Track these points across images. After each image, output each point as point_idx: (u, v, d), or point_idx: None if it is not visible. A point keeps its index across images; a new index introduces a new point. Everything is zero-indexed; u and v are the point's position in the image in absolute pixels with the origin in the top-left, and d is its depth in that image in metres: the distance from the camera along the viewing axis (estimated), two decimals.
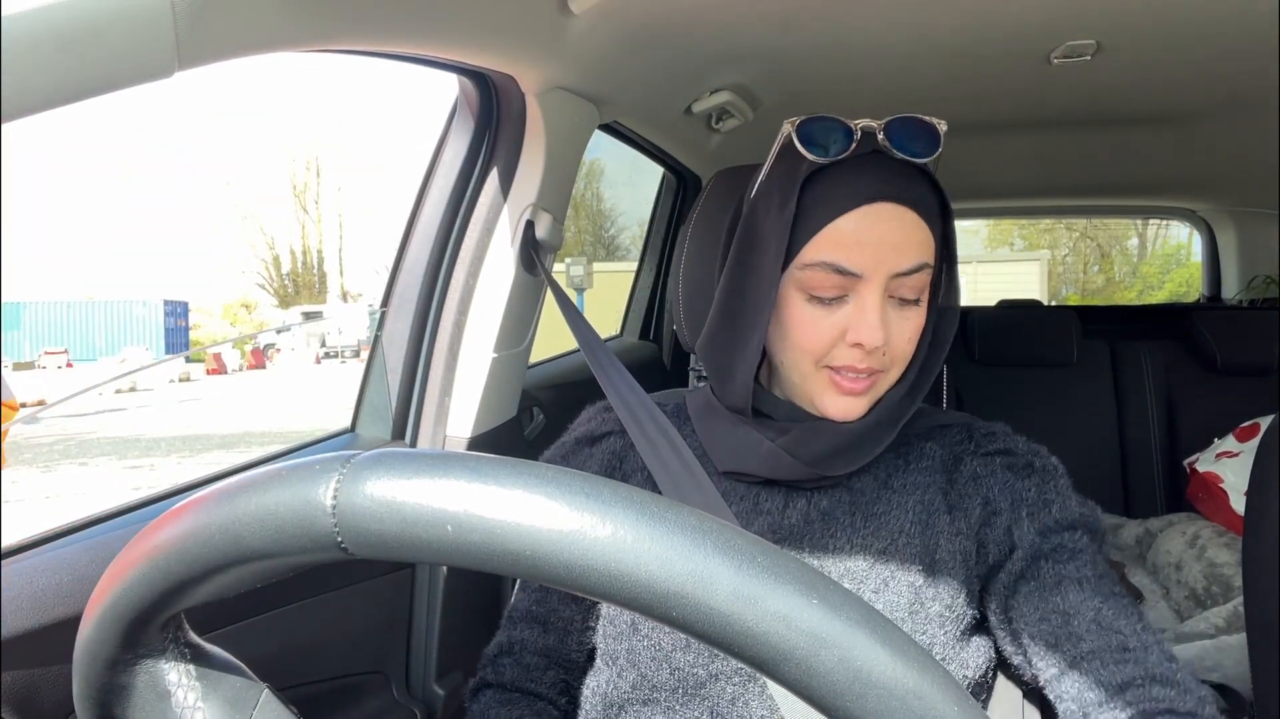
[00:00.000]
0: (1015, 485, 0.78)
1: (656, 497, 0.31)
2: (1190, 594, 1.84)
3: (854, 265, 0.72)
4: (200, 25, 0.58)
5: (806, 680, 0.29)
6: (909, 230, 0.73)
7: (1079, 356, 2.45)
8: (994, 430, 0.83)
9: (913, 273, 0.73)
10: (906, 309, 0.75)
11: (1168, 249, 18.73)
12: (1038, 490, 0.78)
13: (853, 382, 0.75)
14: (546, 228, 1.25)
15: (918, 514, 0.78)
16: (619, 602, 0.30)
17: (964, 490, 0.80)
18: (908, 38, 1.30)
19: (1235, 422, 2.16)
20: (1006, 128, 1.88)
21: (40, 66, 0.49)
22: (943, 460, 0.82)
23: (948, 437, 0.84)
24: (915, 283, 0.74)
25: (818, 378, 0.76)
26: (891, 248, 0.72)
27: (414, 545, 0.31)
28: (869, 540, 0.77)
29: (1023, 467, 0.79)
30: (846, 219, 0.73)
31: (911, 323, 0.76)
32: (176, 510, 0.35)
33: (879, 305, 0.73)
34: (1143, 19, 1.24)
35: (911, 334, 0.76)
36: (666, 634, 0.76)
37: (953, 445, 0.83)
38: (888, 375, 0.77)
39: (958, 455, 0.82)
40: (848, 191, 0.73)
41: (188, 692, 0.39)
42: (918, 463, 0.82)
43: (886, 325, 0.73)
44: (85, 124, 44.17)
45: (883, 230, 0.72)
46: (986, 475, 0.80)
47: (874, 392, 0.77)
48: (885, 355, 0.75)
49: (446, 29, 0.91)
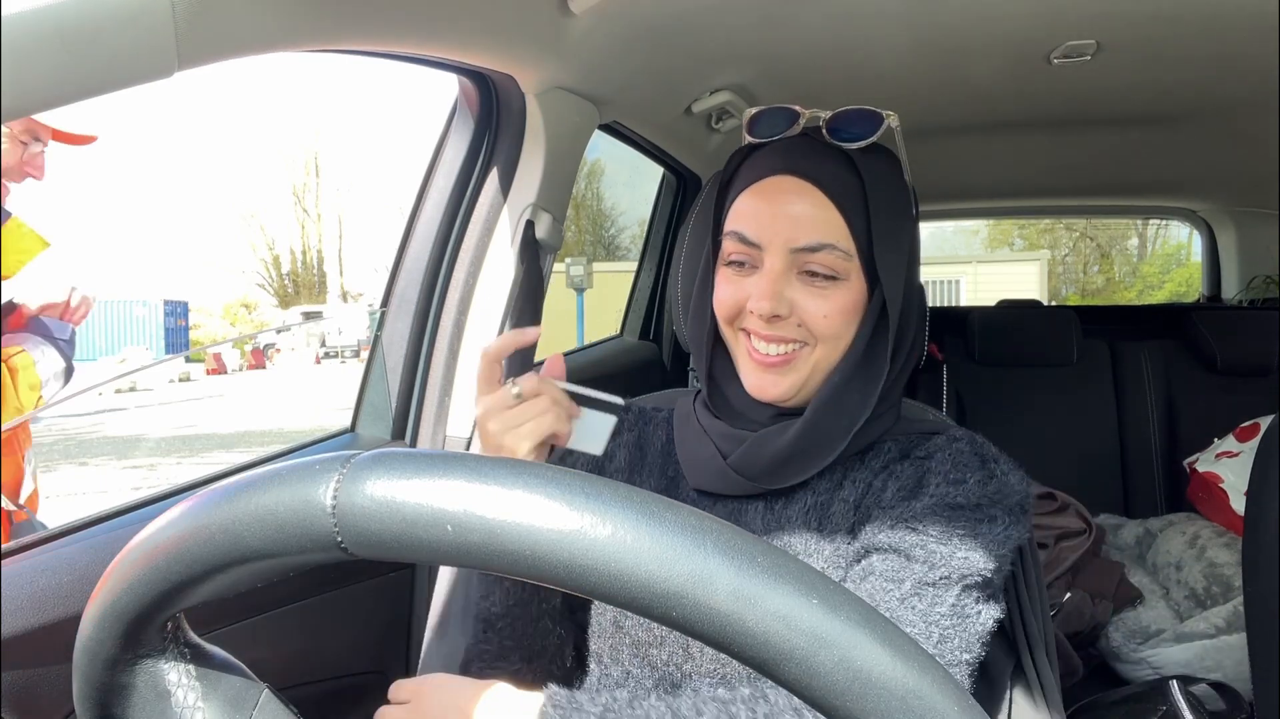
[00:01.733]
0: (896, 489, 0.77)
1: (656, 497, 0.31)
2: (1190, 594, 1.84)
3: (752, 234, 0.76)
4: (200, 25, 0.58)
5: (807, 680, 0.29)
6: (809, 206, 0.75)
7: (1079, 357, 2.45)
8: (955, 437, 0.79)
9: (815, 250, 0.74)
10: (819, 285, 0.76)
11: (1167, 249, 18.73)
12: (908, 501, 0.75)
13: (763, 355, 0.77)
14: (546, 228, 1.25)
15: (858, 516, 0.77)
16: (619, 602, 0.30)
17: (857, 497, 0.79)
18: (908, 38, 1.30)
19: (1235, 422, 2.16)
20: (1006, 128, 1.88)
21: (40, 66, 0.49)
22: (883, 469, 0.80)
23: (917, 442, 0.81)
24: (822, 260, 0.75)
25: (739, 347, 0.79)
26: (789, 220, 0.75)
27: (414, 545, 0.31)
28: (820, 545, 0.77)
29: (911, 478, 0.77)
30: (751, 191, 0.77)
31: (828, 300, 0.76)
32: (177, 510, 0.35)
33: (772, 274, 0.75)
34: (1143, 19, 1.23)
35: (828, 311, 0.75)
36: (644, 631, 0.77)
37: (912, 452, 0.80)
38: (811, 354, 0.77)
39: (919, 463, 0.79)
40: (759, 167, 0.78)
41: (188, 692, 0.39)
42: (873, 462, 0.80)
43: (787, 297, 0.75)
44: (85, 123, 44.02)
45: (780, 203, 0.75)
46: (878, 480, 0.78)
47: (796, 370, 0.77)
48: (800, 327, 0.76)
49: (446, 29, 0.91)
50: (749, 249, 0.76)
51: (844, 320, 0.77)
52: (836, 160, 0.76)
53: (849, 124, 0.77)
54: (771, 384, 0.77)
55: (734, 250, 0.77)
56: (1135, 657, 1.74)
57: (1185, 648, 1.68)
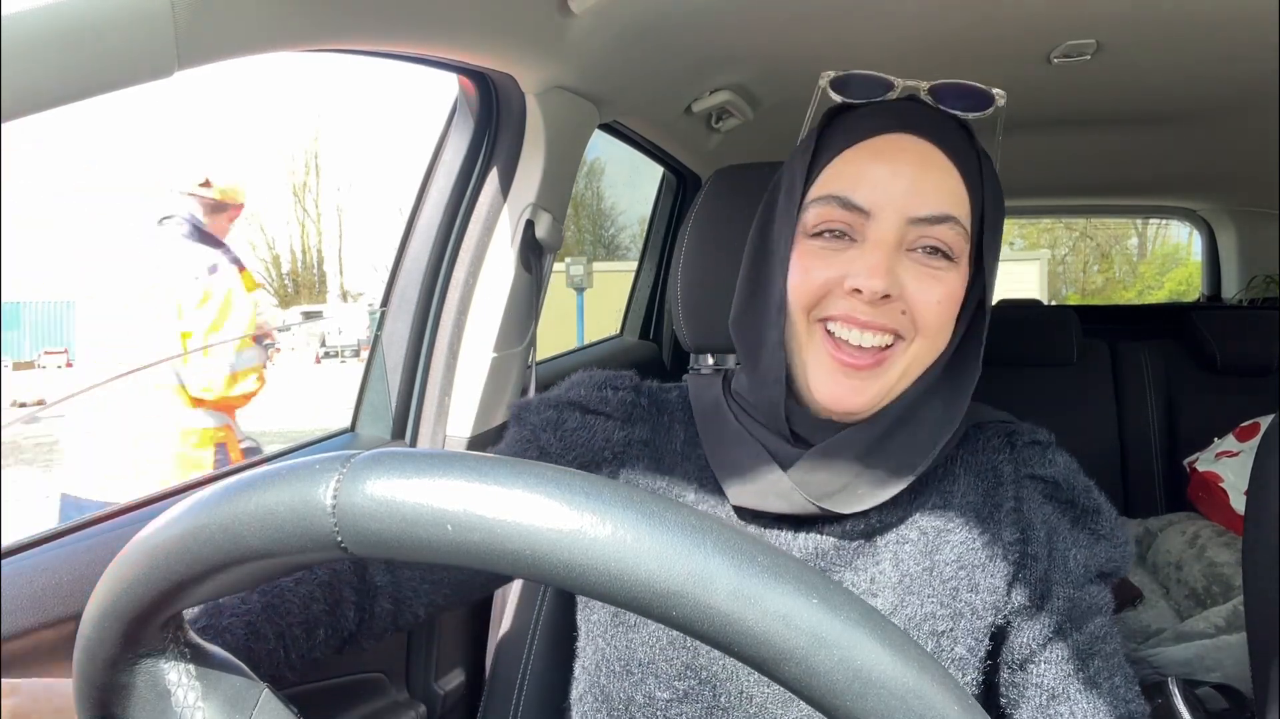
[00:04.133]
0: (1057, 528, 0.69)
1: (656, 496, 0.31)
2: (1190, 594, 1.84)
3: (860, 198, 0.63)
4: (200, 25, 0.58)
5: (807, 680, 0.29)
6: (932, 170, 0.63)
7: (1079, 356, 2.45)
8: (1038, 439, 0.73)
9: (936, 222, 0.62)
10: (935, 265, 0.63)
11: (1167, 248, 18.74)
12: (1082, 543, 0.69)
13: (851, 353, 0.63)
14: (546, 228, 1.25)
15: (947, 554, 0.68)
16: (619, 601, 0.30)
17: (1002, 523, 0.69)
18: (907, 37, 1.30)
19: (1235, 421, 2.16)
20: (1006, 128, 1.88)
21: (40, 66, 0.49)
22: (977, 479, 0.70)
23: (981, 442, 0.72)
24: (942, 236, 0.63)
25: (813, 345, 0.65)
26: (909, 184, 0.62)
27: (414, 545, 0.31)
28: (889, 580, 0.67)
29: (1067, 504, 0.70)
30: (859, 149, 0.65)
31: (942, 284, 0.63)
32: (176, 510, 0.35)
33: (887, 247, 0.62)
34: (1143, 19, 1.23)
35: (942, 297, 0.63)
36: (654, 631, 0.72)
37: (989, 454, 0.71)
38: (906, 351, 0.65)
39: (996, 471, 0.71)
40: (865, 125, 0.65)
41: (188, 691, 0.39)
42: (947, 486, 0.70)
43: (899, 276, 0.62)
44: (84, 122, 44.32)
45: (899, 164, 0.63)
46: (1028, 506, 0.70)
47: (886, 374, 0.64)
48: (905, 315, 0.63)
49: (446, 29, 0.91)
50: (853, 215, 0.63)
51: (951, 312, 0.65)
52: (957, 132, 0.66)
53: (958, 95, 0.67)
54: (853, 392, 0.64)
55: (828, 218, 0.64)
56: (1135, 656, 1.74)
57: (1185, 648, 1.67)
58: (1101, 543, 0.69)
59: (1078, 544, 0.68)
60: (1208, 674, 1.58)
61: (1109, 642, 0.68)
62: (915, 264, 0.63)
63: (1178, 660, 1.67)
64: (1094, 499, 0.70)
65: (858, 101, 0.68)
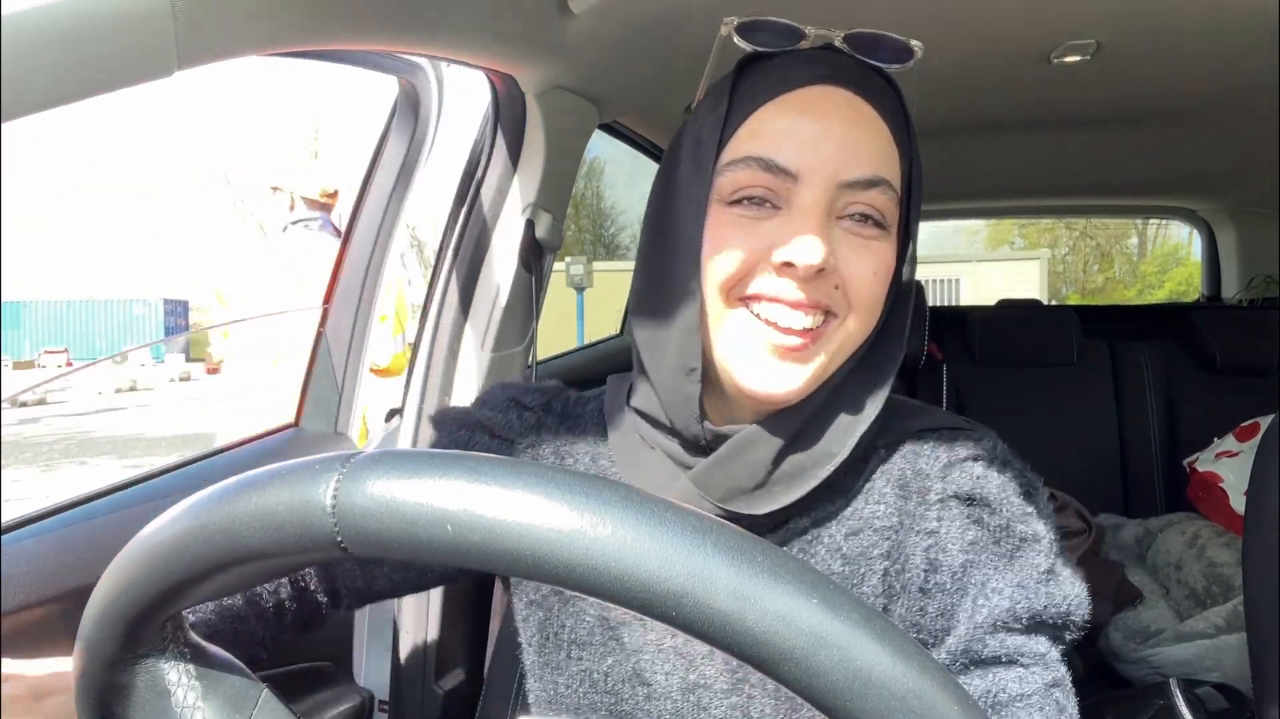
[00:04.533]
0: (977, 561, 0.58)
1: (656, 497, 0.31)
2: (1190, 594, 1.84)
3: (785, 160, 0.55)
4: (200, 25, 0.58)
5: (806, 680, 0.29)
6: (864, 128, 0.56)
7: (1079, 356, 2.45)
8: (976, 452, 0.61)
9: (869, 186, 0.56)
10: (867, 234, 0.57)
11: (1167, 248, 18.75)
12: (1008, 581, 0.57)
13: (785, 336, 0.56)
14: (546, 228, 1.25)
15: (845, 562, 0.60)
16: (619, 601, 0.30)
17: (914, 547, 0.60)
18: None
19: (1235, 421, 2.16)
20: (1006, 128, 1.88)
21: (40, 66, 0.49)
22: (898, 491, 0.61)
23: (913, 449, 0.62)
24: (875, 200, 0.56)
25: (736, 328, 0.57)
26: (839, 143, 0.55)
27: (414, 545, 0.31)
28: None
29: (997, 531, 0.58)
30: (782, 102, 0.57)
31: (875, 254, 0.57)
32: (176, 510, 0.35)
33: (819, 214, 0.55)
34: (1143, 19, 1.23)
35: (877, 268, 0.57)
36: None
37: (918, 463, 0.62)
38: (839, 329, 0.57)
39: (921, 485, 0.61)
40: (787, 75, 0.58)
41: (188, 691, 0.39)
42: (863, 496, 0.61)
43: (832, 247, 0.55)
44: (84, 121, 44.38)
45: (829, 121, 0.56)
46: (942, 527, 0.59)
47: (817, 358, 0.57)
48: (838, 290, 0.56)
49: (446, 29, 0.91)
50: (777, 179, 0.56)
51: (884, 285, 0.58)
52: (883, 86, 0.59)
53: (879, 45, 0.59)
54: (786, 377, 0.56)
55: (748, 183, 0.56)
56: (1135, 656, 1.74)
57: (1185, 648, 1.67)
58: (1036, 583, 0.56)
59: (1000, 581, 0.57)
60: (1208, 674, 1.58)
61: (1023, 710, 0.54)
62: (847, 233, 0.56)
63: (1178, 660, 1.67)
64: (1033, 527, 0.58)
65: (773, 51, 0.60)
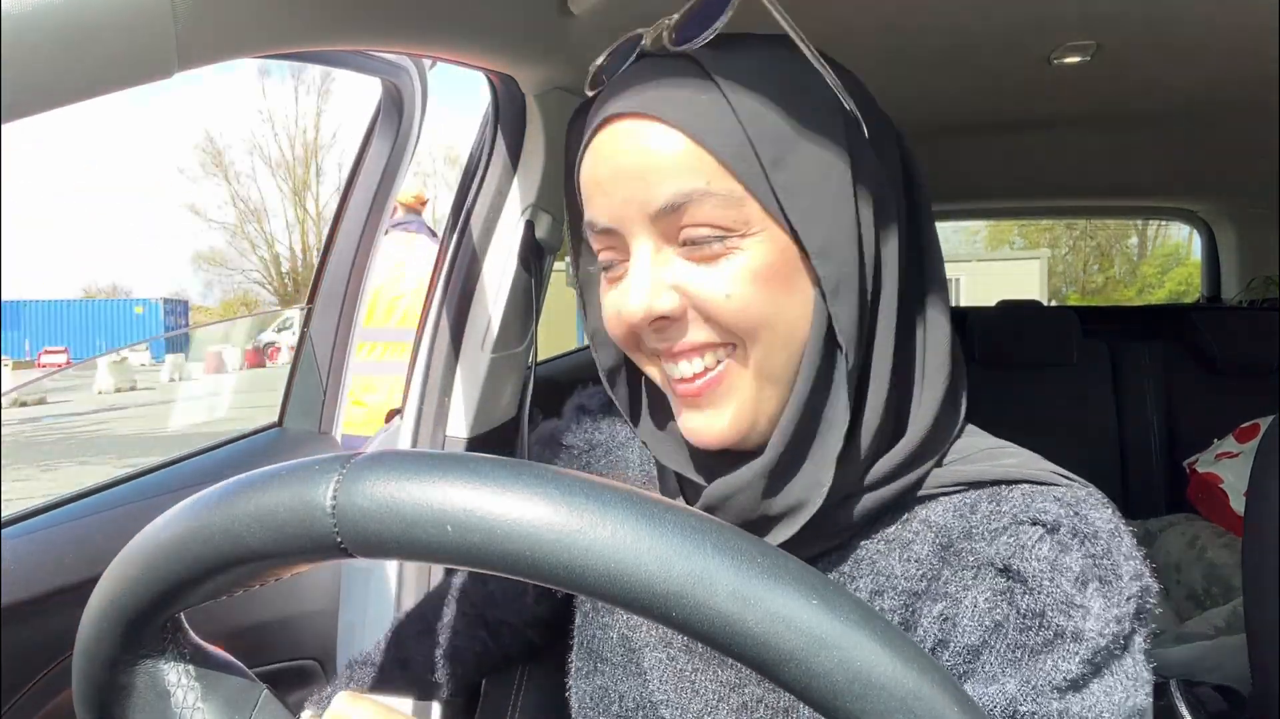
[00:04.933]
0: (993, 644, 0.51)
1: (656, 497, 0.31)
2: (1190, 595, 1.84)
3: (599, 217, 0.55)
4: (200, 25, 0.58)
5: (806, 681, 0.29)
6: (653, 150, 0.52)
7: (1079, 357, 2.45)
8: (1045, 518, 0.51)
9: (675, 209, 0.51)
10: (708, 254, 0.52)
11: (1167, 248, 18.75)
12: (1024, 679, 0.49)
13: (686, 383, 0.54)
14: (546, 228, 1.25)
15: None
16: (618, 602, 0.30)
17: (922, 610, 0.54)
18: (907, 37, 1.30)
19: (1235, 422, 2.16)
20: (1006, 128, 1.88)
21: (40, 66, 0.49)
22: (935, 547, 0.54)
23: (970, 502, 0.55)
24: (696, 216, 0.51)
25: (659, 381, 0.58)
26: (633, 178, 0.52)
27: (414, 546, 0.31)
28: None
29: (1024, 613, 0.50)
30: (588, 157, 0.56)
31: (725, 269, 0.52)
32: (176, 510, 0.35)
33: (645, 261, 0.53)
34: (1143, 19, 1.23)
35: (731, 287, 0.51)
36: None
37: (964, 519, 0.54)
38: (745, 361, 0.53)
39: (961, 546, 0.54)
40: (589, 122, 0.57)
41: (187, 692, 0.39)
42: (904, 537, 0.56)
43: (670, 285, 0.52)
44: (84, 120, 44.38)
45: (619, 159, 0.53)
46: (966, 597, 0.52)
47: (732, 399, 0.54)
48: (709, 324, 0.53)
49: (446, 30, 0.91)
50: (608, 239, 0.55)
51: (765, 295, 0.52)
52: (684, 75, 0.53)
53: (693, 22, 0.53)
54: (707, 424, 0.54)
55: (599, 249, 0.56)
56: None
57: (1185, 648, 1.68)
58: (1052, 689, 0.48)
59: (1013, 676, 0.49)
60: (1208, 675, 1.58)
61: None
62: (692, 262, 0.53)
63: (1178, 661, 1.67)
64: (1078, 623, 0.48)
65: (593, 94, 0.58)
